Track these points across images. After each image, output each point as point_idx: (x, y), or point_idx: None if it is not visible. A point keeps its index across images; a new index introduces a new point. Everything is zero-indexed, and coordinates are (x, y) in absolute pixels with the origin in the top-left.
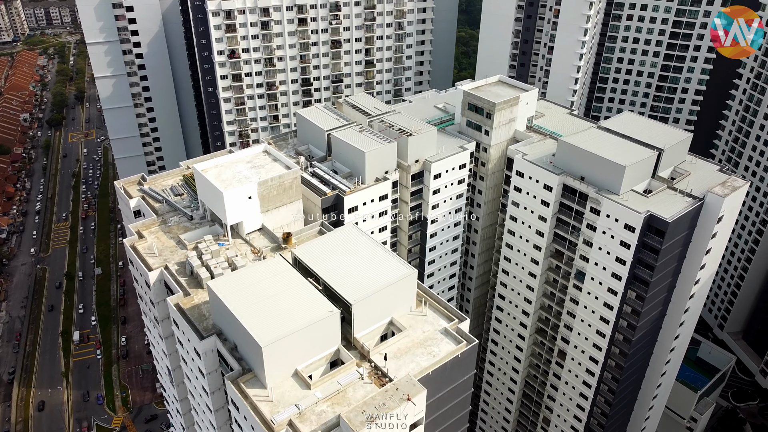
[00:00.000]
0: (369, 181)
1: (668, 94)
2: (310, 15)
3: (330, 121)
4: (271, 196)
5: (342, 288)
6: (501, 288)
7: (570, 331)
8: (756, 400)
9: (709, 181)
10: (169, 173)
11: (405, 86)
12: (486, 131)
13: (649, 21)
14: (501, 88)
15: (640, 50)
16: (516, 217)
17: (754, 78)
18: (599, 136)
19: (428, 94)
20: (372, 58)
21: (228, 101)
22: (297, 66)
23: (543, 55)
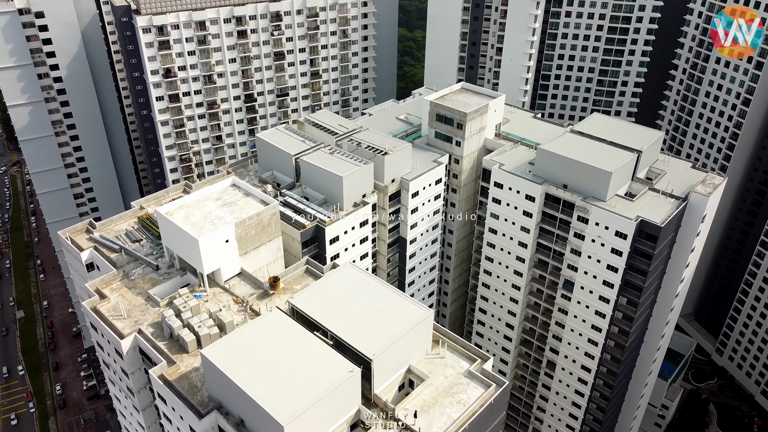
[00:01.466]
0: (347, 207)
1: (609, 88)
2: (249, 27)
3: (295, 143)
4: (250, 237)
5: (357, 341)
6: (482, 302)
7: (559, 342)
8: (714, 378)
9: (686, 179)
10: (120, 216)
11: (353, 96)
12: (457, 142)
13: (587, 17)
14: (466, 95)
15: (580, 45)
16: (496, 229)
17: (690, 68)
18: (576, 141)
19: (387, 105)
20: (318, 69)
21: (165, 124)
22: (239, 81)
23: (491, 57)
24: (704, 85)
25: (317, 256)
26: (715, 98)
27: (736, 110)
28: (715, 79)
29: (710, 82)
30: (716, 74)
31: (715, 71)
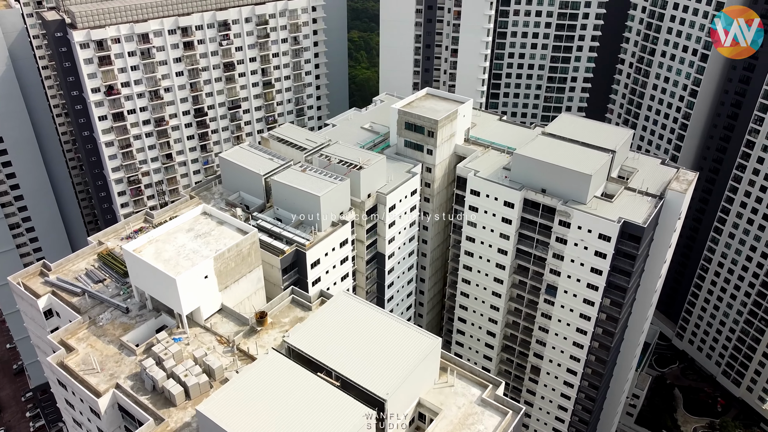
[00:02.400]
0: (325, 227)
1: (559, 84)
2: (196, 37)
3: (263, 162)
4: (229, 270)
5: (366, 380)
6: (461, 311)
7: (543, 346)
8: (676, 362)
9: (659, 176)
10: (77, 254)
11: (307, 104)
12: (429, 150)
13: (535, 14)
14: (432, 101)
15: (530, 43)
16: (473, 237)
17: (636, 62)
18: (550, 144)
19: (350, 114)
20: (270, 78)
21: (110, 145)
22: (187, 96)
23: (446, 59)
24: (651, 78)
25: (298, 282)
26: (663, 90)
27: (684, 101)
28: (661, 72)
29: (657, 75)
30: (662, 67)
31: (661, 64)
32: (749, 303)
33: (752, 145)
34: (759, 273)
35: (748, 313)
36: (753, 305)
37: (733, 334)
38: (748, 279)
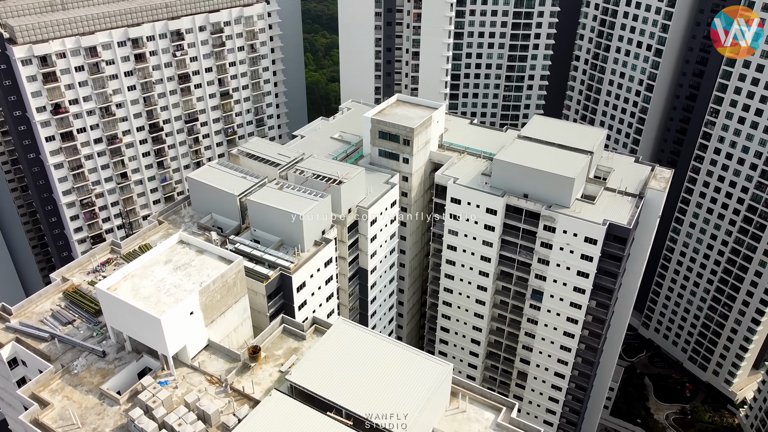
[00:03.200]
0: (308, 246)
1: (517, 83)
2: (148, 49)
3: (236, 181)
4: (215, 303)
5: (380, 417)
6: (443, 321)
7: (530, 351)
8: (644, 351)
9: (635, 174)
10: (40, 294)
11: (267, 113)
12: (405, 159)
13: (491, 14)
14: (404, 108)
15: (486, 43)
16: (455, 245)
17: (592, 59)
18: (528, 148)
19: (318, 123)
20: (227, 89)
21: (60, 167)
22: (141, 111)
23: (407, 62)
24: (607, 74)
25: (283, 307)
26: (619, 86)
27: (641, 96)
28: (617, 68)
29: (612, 71)
30: (617, 63)
31: (616, 60)
32: (712, 290)
33: (708, 137)
34: (720, 260)
35: (712, 299)
36: (716, 292)
37: (698, 321)
38: (710, 267)
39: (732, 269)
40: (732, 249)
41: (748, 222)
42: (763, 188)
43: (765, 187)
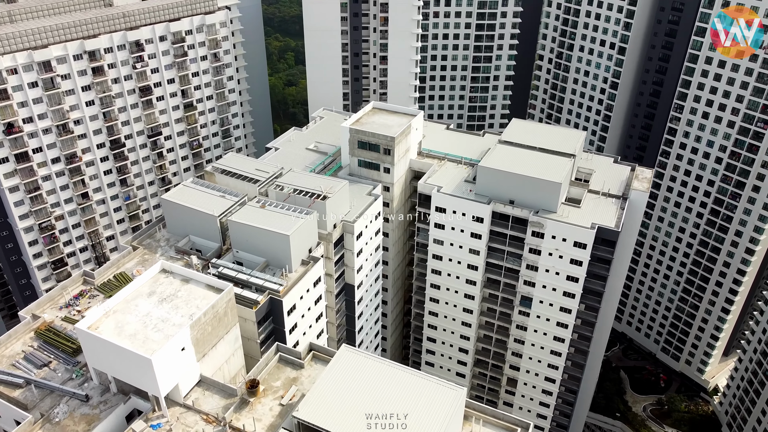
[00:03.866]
0: (296, 267)
1: (483, 84)
2: (106, 61)
3: (214, 201)
4: (207, 335)
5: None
6: (430, 331)
7: (519, 358)
8: (617, 344)
9: (616, 175)
10: (9, 335)
11: (233, 124)
12: (386, 168)
13: (455, 15)
14: (381, 116)
15: (451, 45)
16: (441, 255)
17: (556, 58)
18: (511, 153)
19: (291, 134)
20: (191, 100)
21: (15, 190)
22: (101, 127)
23: (374, 66)
24: (571, 73)
25: (274, 332)
26: (584, 84)
27: (606, 94)
28: (581, 66)
29: (577, 69)
30: (582, 62)
31: (580, 59)
32: (682, 281)
33: (674, 132)
34: (689, 252)
35: (682, 291)
36: (686, 283)
37: (669, 312)
38: (679, 259)
39: (701, 261)
40: (700, 241)
41: (716, 214)
42: (729, 181)
43: (731, 180)
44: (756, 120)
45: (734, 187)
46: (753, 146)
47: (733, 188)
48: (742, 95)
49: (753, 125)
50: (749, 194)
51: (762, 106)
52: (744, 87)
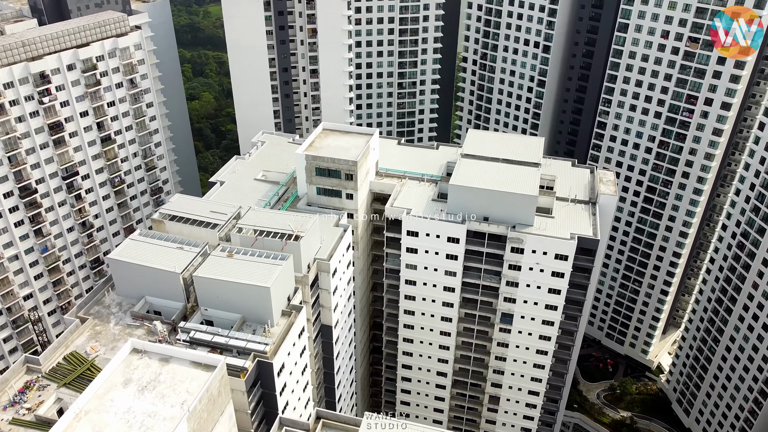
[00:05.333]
0: (277, 320)
1: (410, 89)
2: (7, 98)
3: (171, 254)
4: (203, 423)
5: None
6: (405, 358)
7: (501, 375)
8: None
9: (579, 180)
10: None
11: (157, 154)
12: (349, 195)
13: (377, 21)
14: (335, 138)
15: (375, 52)
16: (414, 280)
17: (480, 59)
18: (477, 167)
19: (234, 164)
20: (108, 133)
21: None
22: (7, 173)
23: (305, 80)
24: (497, 73)
25: (263, 397)
26: (510, 84)
27: (533, 92)
28: (506, 66)
29: (502, 69)
30: (507, 62)
31: (505, 59)
32: (621, 268)
33: (603, 126)
34: (626, 240)
35: (622, 277)
36: (625, 270)
37: (611, 299)
38: (616, 247)
39: (638, 247)
40: (636, 228)
41: (649, 202)
42: (659, 169)
43: (661, 168)
44: (681, 110)
45: (665, 175)
46: (680, 135)
47: (664, 176)
48: (666, 87)
49: (679, 115)
50: (680, 180)
51: (686, 96)
52: (668, 79)
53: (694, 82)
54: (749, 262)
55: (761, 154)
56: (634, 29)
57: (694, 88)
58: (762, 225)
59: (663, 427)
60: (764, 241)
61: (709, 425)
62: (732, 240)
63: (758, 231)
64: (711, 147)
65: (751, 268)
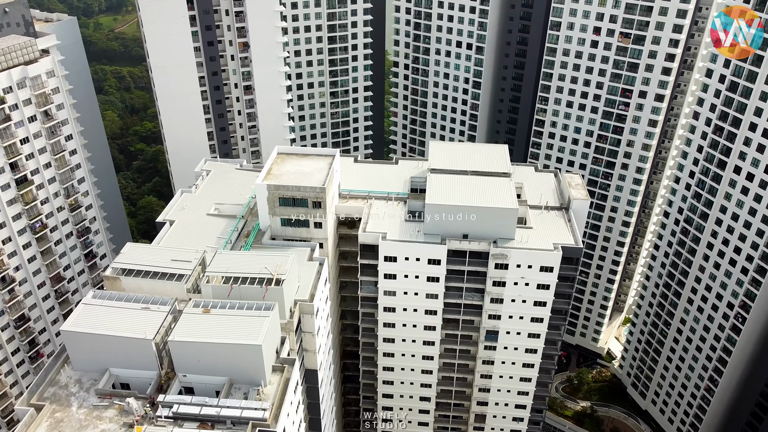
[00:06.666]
0: (269, 378)
1: (342, 98)
2: None
3: (138, 317)
4: None
5: None
6: (386, 387)
7: (487, 393)
8: None
9: (545, 185)
10: None
11: (81, 191)
12: (317, 223)
13: (305, 30)
14: (293, 163)
15: (305, 62)
16: (393, 306)
17: (413, 63)
18: (450, 182)
19: (180, 200)
20: (24, 174)
21: None
22: None
23: (238, 98)
24: (431, 76)
25: None
26: (445, 86)
27: (469, 93)
28: (440, 69)
29: (436, 72)
30: (440, 64)
31: (438, 62)
32: None
33: (542, 123)
34: None
35: None
36: None
37: None
38: None
39: (583, 239)
40: None
41: (591, 195)
42: (599, 162)
43: (601, 161)
44: (617, 104)
45: (605, 168)
46: (618, 128)
47: (604, 169)
48: (601, 82)
49: (615, 109)
50: (619, 172)
51: (621, 90)
52: (602, 74)
53: (628, 76)
54: (694, 247)
55: (698, 143)
56: (567, 27)
57: (628, 82)
58: (704, 210)
59: (621, 412)
60: (707, 225)
61: (666, 405)
62: (675, 226)
63: (701, 216)
64: (648, 138)
65: (697, 252)
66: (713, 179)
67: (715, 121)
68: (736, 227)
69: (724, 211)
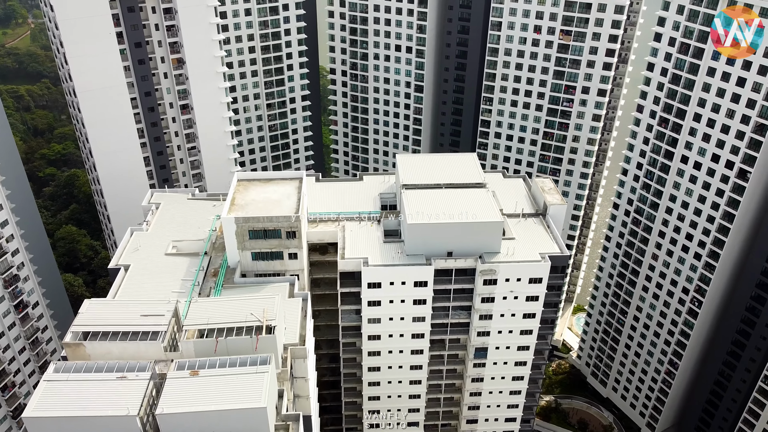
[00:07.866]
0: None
1: (280, 110)
2: None
3: (114, 390)
4: None
5: None
6: (373, 417)
7: (477, 410)
8: None
9: (517, 191)
10: None
11: (5, 236)
12: (292, 254)
13: (236, 41)
14: (257, 190)
15: (238, 74)
16: (378, 334)
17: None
18: (426, 198)
19: (134, 240)
20: None
21: None
22: None
23: (174, 118)
24: (371, 82)
25: None
26: (386, 92)
27: (411, 98)
28: (380, 74)
29: (375, 78)
30: (379, 70)
31: (377, 67)
32: None
33: (487, 124)
34: None
35: None
36: None
37: None
38: None
39: None
40: None
41: None
42: (546, 159)
43: (548, 158)
44: (561, 100)
45: (552, 164)
46: (563, 124)
47: (551, 165)
48: (545, 80)
49: (560, 106)
50: (567, 167)
51: (564, 86)
52: (545, 72)
53: (570, 72)
54: (646, 236)
55: (644, 135)
56: (507, 27)
57: (571, 78)
58: (654, 200)
59: (584, 402)
60: (658, 215)
61: (627, 391)
62: (626, 217)
63: (651, 206)
64: (592, 132)
65: (649, 241)
66: (661, 169)
67: (659, 113)
68: (687, 215)
69: (674, 200)
